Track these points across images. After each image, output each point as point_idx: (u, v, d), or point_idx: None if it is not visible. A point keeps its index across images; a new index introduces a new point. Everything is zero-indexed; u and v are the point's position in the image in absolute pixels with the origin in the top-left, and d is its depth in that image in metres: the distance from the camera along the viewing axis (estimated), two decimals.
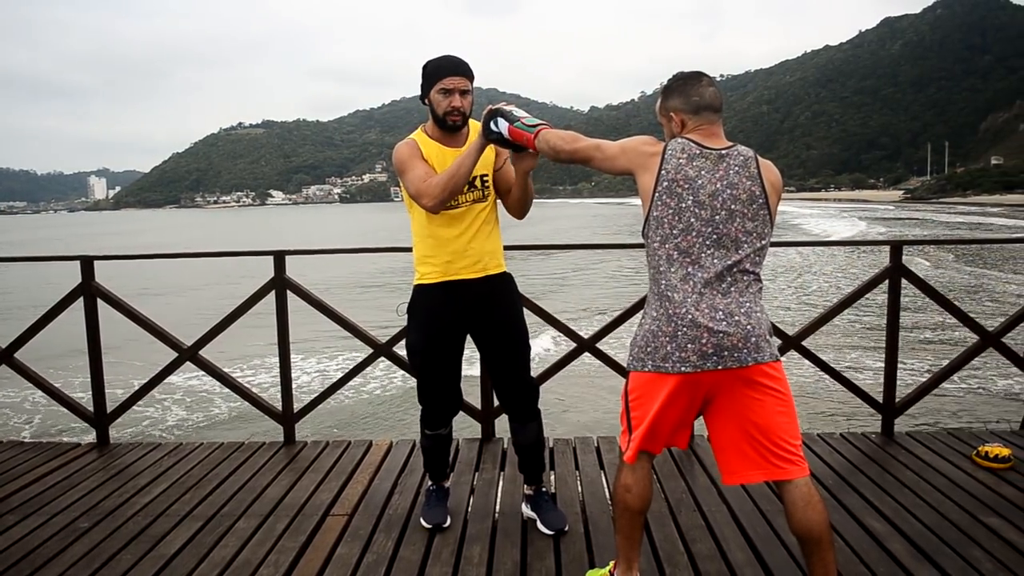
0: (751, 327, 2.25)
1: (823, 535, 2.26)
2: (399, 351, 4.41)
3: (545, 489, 3.34)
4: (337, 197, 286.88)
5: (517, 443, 3.30)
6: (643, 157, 2.36)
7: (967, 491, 3.54)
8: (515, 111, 2.82)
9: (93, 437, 4.70)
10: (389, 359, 4.64)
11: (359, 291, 21.15)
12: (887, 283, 4.47)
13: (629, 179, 2.41)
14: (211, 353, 4.83)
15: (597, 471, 3.92)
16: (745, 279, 2.29)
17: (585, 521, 3.30)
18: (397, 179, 3.11)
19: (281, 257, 4.54)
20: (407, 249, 3.32)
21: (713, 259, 2.26)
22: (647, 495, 2.46)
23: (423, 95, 3.08)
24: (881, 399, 4.51)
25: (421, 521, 3.31)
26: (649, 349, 2.32)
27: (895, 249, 4.47)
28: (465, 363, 3.27)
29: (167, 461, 4.25)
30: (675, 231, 2.28)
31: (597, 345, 4.61)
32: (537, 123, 2.72)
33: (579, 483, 3.77)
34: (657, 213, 2.30)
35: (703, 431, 2.46)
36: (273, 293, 4.56)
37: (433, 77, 3.02)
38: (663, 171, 2.29)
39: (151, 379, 4.79)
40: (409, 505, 3.53)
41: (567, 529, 3.18)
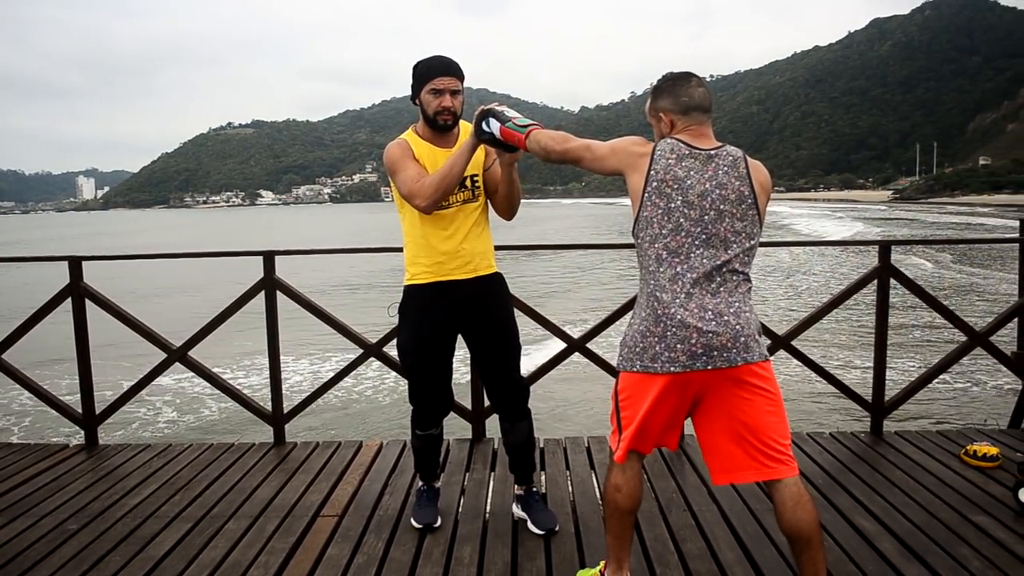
0: (740, 327, 2.25)
1: (813, 534, 2.27)
2: (389, 351, 4.41)
3: (536, 489, 3.34)
4: (327, 197, 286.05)
5: (508, 443, 3.31)
6: (632, 157, 2.36)
7: (956, 490, 3.56)
8: (507, 111, 2.83)
9: (82, 438, 4.68)
10: (379, 359, 4.64)
11: (352, 292, 21.08)
12: (876, 283, 4.49)
13: (619, 179, 2.42)
14: (203, 355, 4.81)
15: (588, 471, 3.93)
16: (734, 279, 2.30)
17: (575, 521, 3.30)
18: (387, 179, 3.11)
19: (271, 257, 4.53)
20: (398, 249, 3.31)
21: (702, 259, 2.27)
22: (637, 495, 2.46)
23: (414, 95, 3.08)
24: (870, 398, 4.53)
25: (412, 521, 3.30)
26: (638, 349, 2.32)
27: (883, 249, 4.50)
28: (460, 364, 3.26)
29: (156, 462, 4.23)
30: (664, 231, 2.28)
31: (587, 345, 4.62)
32: (528, 123, 2.73)
33: (569, 483, 3.77)
34: (647, 213, 2.31)
35: (693, 431, 2.46)
36: (263, 294, 4.55)
37: (424, 77, 3.02)
38: (652, 171, 2.30)
39: (140, 380, 4.76)
40: (400, 505, 3.53)
41: (557, 529, 3.19)
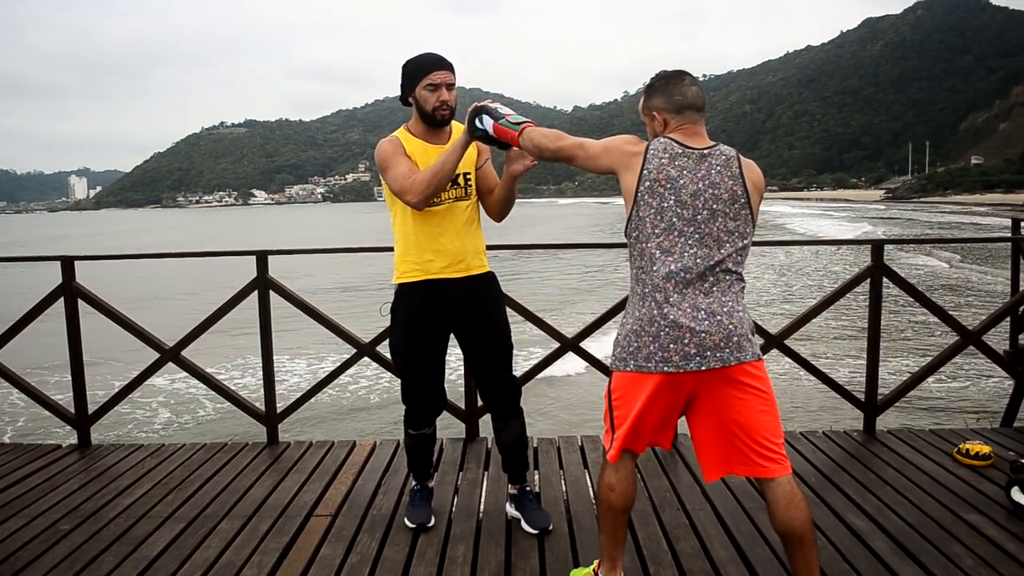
0: (733, 327, 2.25)
1: (806, 533, 2.27)
2: (383, 351, 4.41)
3: (529, 488, 3.34)
4: (320, 196, 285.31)
5: (500, 442, 3.31)
6: (625, 156, 2.36)
7: (948, 488, 3.58)
8: (500, 108, 2.82)
9: (74, 439, 4.66)
10: (372, 359, 4.63)
11: (351, 293, 20.99)
12: (869, 282, 4.50)
13: (613, 179, 2.41)
14: (199, 355, 4.80)
15: (581, 470, 3.93)
16: (727, 278, 2.30)
17: (569, 520, 3.31)
18: (380, 178, 3.10)
19: (264, 257, 4.52)
20: (392, 249, 3.30)
21: (695, 259, 2.26)
22: (631, 494, 2.46)
23: (405, 95, 3.07)
24: (863, 397, 4.54)
25: (405, 521, 3.30)
26: (631, 349, 2.32)
27: (876, 248, 4.51)
28: (454, 362, 3.25)
29: (149, 462, 4.22)
30: (657, 230, 2.28)
31: (581, 344, 4.63)
32: (522, 121, 2.72)
33: (563, 482, 3.77)
34: (639, 213, 2.31)
35: (686, 430, 2.46)
36: (256, 293, 4.54)
37: (417, 74, 3.01)
38: (645, 171, 2.29)
39: (133, 380, 4.73)
40: (393, 505, 3.53)
41: (551, 528, 3.19)
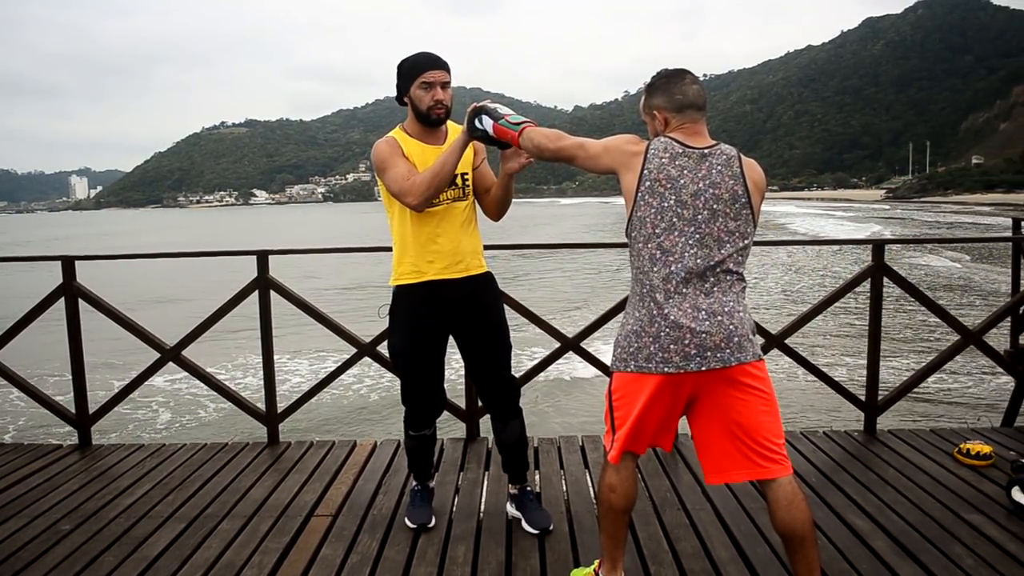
0: (733, 327, 2.25)
1: (806, 533, 2.27)
2: (383, 351, 4.40)
3: (530, 488, 3.34)
4: (321, 196, 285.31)
5: (500, 442, 3.31)
6: (626, 156, 2.35)
7: (949, 488, 3.57)
8: (500, 108, 2.82)
9: (75, 439, 4.66)
10: (373, 359, 4.63)
11: (352, 293, 20.96)
12: (870, 281, 4.50)
13: (614, 178, 2.41)
14: (199, 355, 4.80)
15: (582, 470, 3.93)
16: (728, 279, 2.29)
17: (570, 520, 3.31)
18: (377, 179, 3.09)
19: (264, 257, 4.52)
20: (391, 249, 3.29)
21: (696, 259, 2.26)
22: (632, 495, 2.46)
23: (401, 94, 3.07)
24: (864, 397, 4.54)
25: (406, 521, 3.30)
26: (632, 350, 2.32)
27: (877, 248, 4.51)
28: (454, 363, 3.24)
29: (150, 462, 4.22)
30: (658, 230, 2.28)
31: (582, 344, 4.63)
32: (522, 121, 2.72)
33: (564, 482, 3.77)
34: (640, 213, 2.30)
35: (687, 430, 2.46)
36: (256, 293, 4.54)
37: (412, 73, 3.01)
38: (645, 170, 2.29)
39: (133, 380, 4.73)
40: (394, 505, 3.53)
41: (552, 528, 3.19)
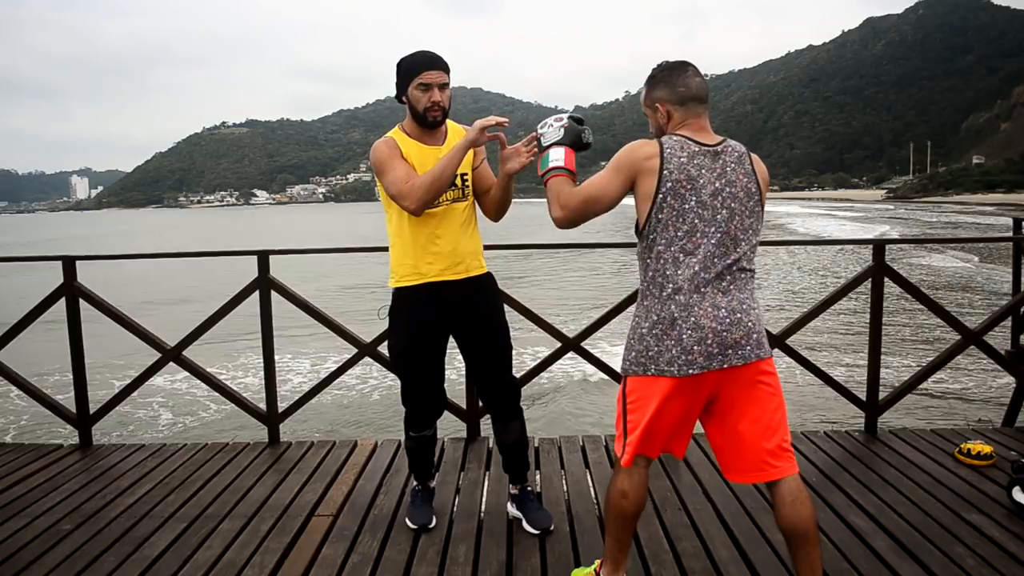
0: (751, 324, 2.25)
1: (810, 531, 2.27)
2: (384, 351, 4.40)
3: (530, 488, 3.34)
4: (322, 196, 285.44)
5: (500, 442, 3.30)
6: (641, 162, 2.27)
7: (950, 488, 3.57)
8: (553, 152, 2.48)
9: (76, 439, 4.66)
10: (374, 359, 4.62)
11: (354, 292, 20.93)
12: (871, 282, 4.49)
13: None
14: (200, 355, 4.80)
15: (583, 470, 3.92)
16: (743, 276, 2.29)
17: (571, 520, 3.30)
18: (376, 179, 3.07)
19: (265, 257, 4.52)
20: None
21: (714, 258, 2.24)
22: (643, 501, 2.43)
23: (399, 93, 3.04)
24: (865, 397, 4.54)
25: (406, 521, 3.30)
26: (651, 354, 2.27)
27: (878, 248, 4.51)
28: (455, 363, 3.23)
29: (151, 462, 4.22)
30: (680, 233, 2.24)
31: (583, 344, 4.63)
32: (553, 166, 2.44)
33: (564, 482, 3.77)
34: (661, 216, 2.25)
35: (697, 432, 2.45)
36: (257, 293, 4.54)
37: (410, 73, 2.97)
38: (665, 171, 2.23)
39: (134, 380, 4.74)
40: (394, 505, 3.52)
41: (553, 528, 3.18)
